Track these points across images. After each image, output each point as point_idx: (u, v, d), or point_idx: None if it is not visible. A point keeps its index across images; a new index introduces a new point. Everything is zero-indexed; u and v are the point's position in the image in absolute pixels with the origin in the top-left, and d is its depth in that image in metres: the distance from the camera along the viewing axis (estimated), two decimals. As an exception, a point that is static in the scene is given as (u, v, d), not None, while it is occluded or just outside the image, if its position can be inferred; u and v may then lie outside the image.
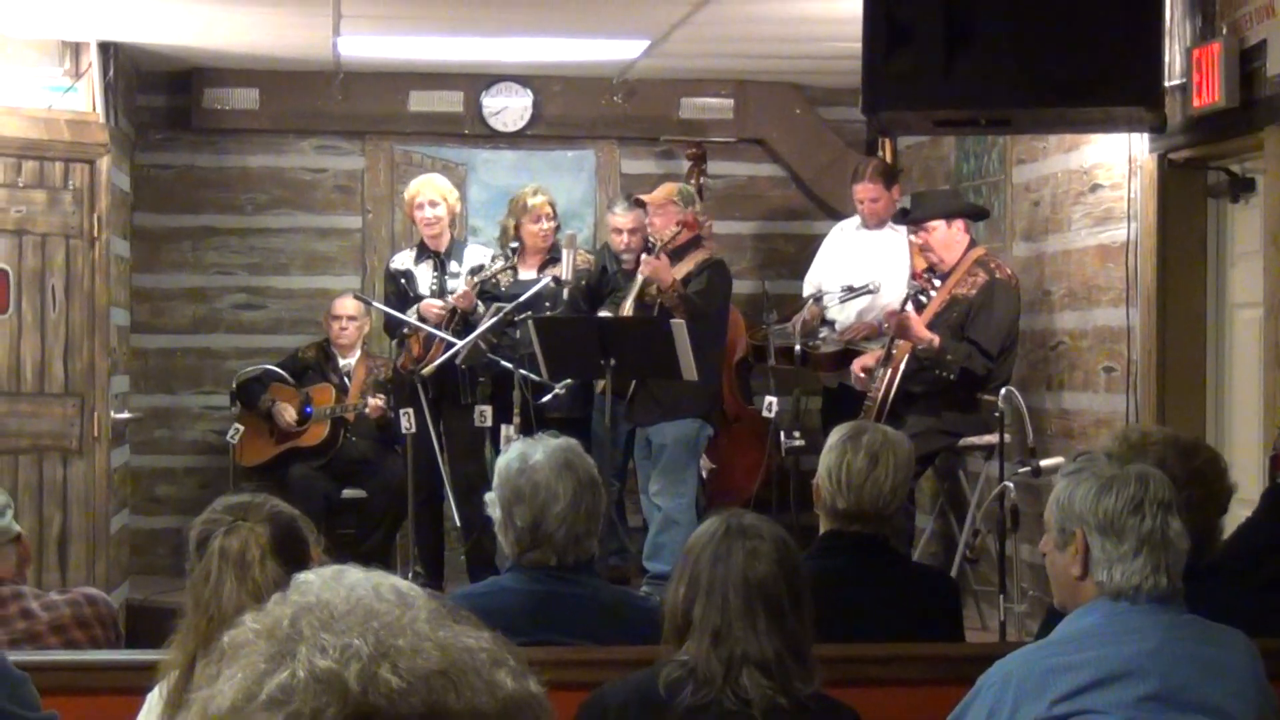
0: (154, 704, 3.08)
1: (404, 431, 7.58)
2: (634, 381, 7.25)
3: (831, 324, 7.94)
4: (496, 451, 6.92)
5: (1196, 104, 5.74)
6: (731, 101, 9.35)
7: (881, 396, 7.16)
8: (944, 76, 5.33)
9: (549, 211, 8.13)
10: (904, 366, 7.18)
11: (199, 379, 9.12)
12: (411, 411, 7.56)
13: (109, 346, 7.70)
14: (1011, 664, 3.07)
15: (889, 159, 8.81)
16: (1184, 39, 5.88)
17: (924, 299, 7.26)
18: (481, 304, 7.83)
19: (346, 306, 8.55)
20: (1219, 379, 6.28)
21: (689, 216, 7.68)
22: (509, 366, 7.49)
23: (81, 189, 7.50)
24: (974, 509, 7.31)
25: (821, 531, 4.16)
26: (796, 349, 7.42)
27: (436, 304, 7.90)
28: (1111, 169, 6.75)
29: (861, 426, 4.20)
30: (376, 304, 8.29)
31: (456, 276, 8.04)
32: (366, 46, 8.31)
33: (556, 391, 7.44)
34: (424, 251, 8.17)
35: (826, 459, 4.10)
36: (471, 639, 1.35)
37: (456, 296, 7.85)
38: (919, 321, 7.08)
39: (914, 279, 7.43)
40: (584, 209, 9.27)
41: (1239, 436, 6.09)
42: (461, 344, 7.56)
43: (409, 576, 7.60)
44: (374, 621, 1.33)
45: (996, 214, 7.84)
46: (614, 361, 6.86)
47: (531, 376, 7.37)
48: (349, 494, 8.39)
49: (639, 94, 9.27)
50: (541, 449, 3.79)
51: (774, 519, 3.33)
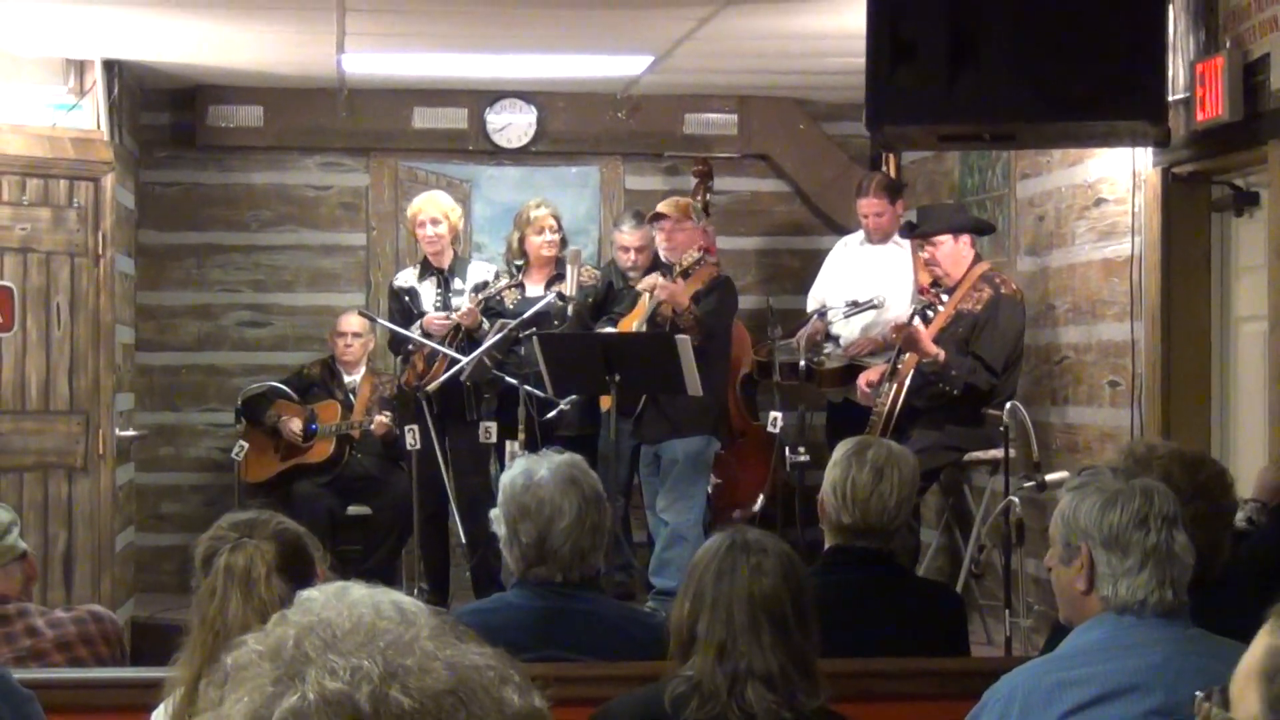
0: (160, 721, 3.08)
1: (409, 448, 7.59)
2: (644, 398, 7.21)
3: (836, 339, 7.95)
4: (502, 467, 6.92)
5: (1200, 118, 5.73)
6: (735, 117, 9.36)
7: (887, 411, 7.16)
8: (948, 91, 5.34)
9: (551, 224, 8.14)
10: (909, 381, 7.17)
11: (204, 396, 9.13)
12: (416, 428, 7.57)
13: (114, 364, 7.71)
14: (1017, 679, 3.06)
15: (893, 174, 8.81)
16: (1187, 53, 5.88)
17: (930, 313, 7.26)
18: (486, 320, 7.84)
19: (351, 323, 8.56)
20: (1224, 393, 6.27)
21: (709, 242, 7.67)
22: (514, 383, 7.50)
23: (86, 207, 7.52)
24: (979, 524, 7.30)
25: (826, 547, 4.16)
26: (801, 364, 7.43)
27: (440, 317, 7.91)
28: (1115, 183, 6.75)
29: (866, 441, 4.19)
30: (381, 320, 8.30)
31: (460, 294, 8.05)
32: (371, 64, 8.33)
33: (561, 408, 7.44)
34: (427, 269, 8.18)
35: (831, 474, 4.10)
36: (477, 656, 1.35)
37: (461, 313, 7.85)
38: (926, 335, 7.08)
39: (921, 294, 7.43)
40: (588, 225, 9.27)
41: (1244, 450, 6.08)
42: (466, 360, 7.58)
43: (414, 593, 7.61)
44: (380, 641, 1.34)
45: (1001, 228, 7.84)
46: (619, 377, 6.85)
47: (536, 393, 7.38)
48: (354, 510, 8.39)
49: (643, 110, 9.28)
50: (546, 465, 3.80)
51: (779, 534, 3.33)
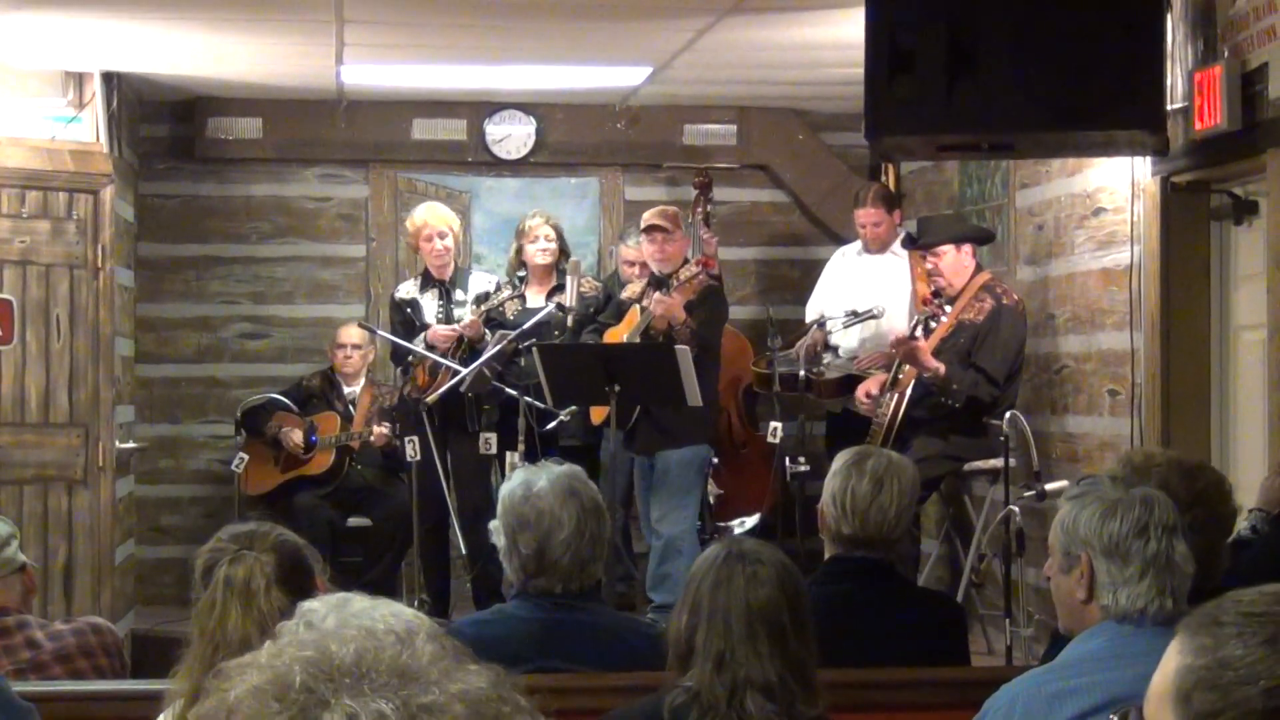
0: (159, 733, 3.08)
1: (409, 459, 7.60)
2: (636, 411, 7.21)
3: (835, 349, 7.95)
4: (502, 478, 6.91)
5: (1199, 127, 5.74)
6: (734, 128, 9.37)
7: (888, 421, 7.16)
8: (946, 101, 5.34)
9: (547, 232, 8.14)
10: (910, 392, 7.17)
11: (203, 408, 9.13)
12: (416, 439, 7.58)
13: (113, 376, 7.72)
14: (1017, 688, 3.06)
15: (892, 184, 8.82)
16: (1186, 62, 5.89)
17: (933, 324, 7.26)
18: (488, 332, 7.83)
19: (351, 335, 8.57)
20: (1223, 401, 6.27)
21: (711, 253, 7.65)
22: (514, 394, 7.50)
23: (85, 219, 7.53)
24: (979, 533, 7.30)
25: (826, 557, 4.16)
26: (801, 375, 7.42)
27: (445, 329, 7.90)
28: (1114, 192, 6.75)
29: (866, 451, 4.19)
30: (382, 332, 8.31)
31: (462, 305, 8.05)
32: (369, 75, 8.34)
33: (561, 418, 7.44)
34: (429, 280, 8.17)
35: (831, 484, 4.11)
36: (483, 682, 1.35)
37: (464, 325, 7.85)
38: (926, 350, 7.07)
39: (923, 304, 7.42)
40: (588, 236, 9.27)
41: (1244, 458, 6.08)
42: (466, 371, 7.58)
43: (414, 604, 7.60)
44: (391, 675, 1.32)
45: (1000, 238, 7.84)
46: (618, 388, 6.86)
47: (536, 404, 7.38)
48: (354, 522, 8.39)
49: (642, 121, 9.29)
50: (545, 476, 3.80)
51: (780, 544, 3.33)
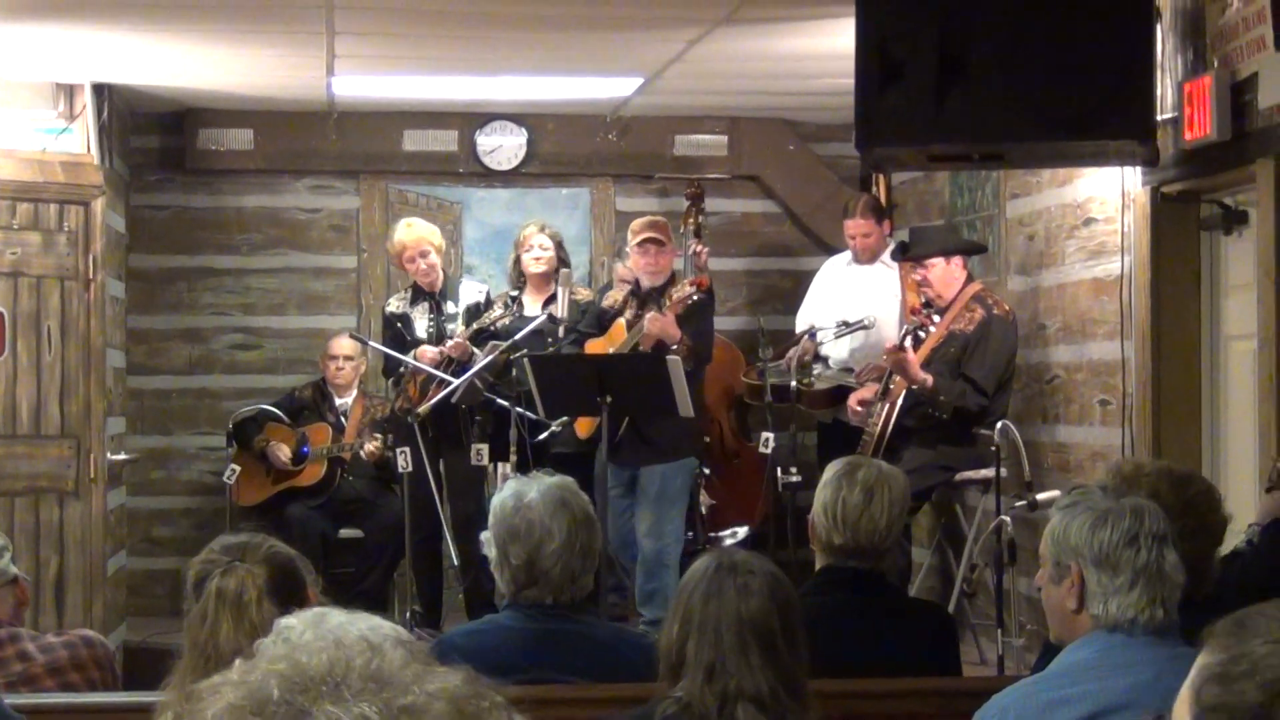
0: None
1: (400, 470, 7.60)
2: (622, 424, 7.20)
3: (825, 360, 7.95)
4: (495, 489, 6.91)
5: (1188, 137, 5.75)
6: (725, 138, 9.38)
7: (879, 431, 7.17)
8: (937, 112, 5.36)
9: (541, 241, 8.12)
10: (901, 401, 7.18)
11: (195, 420, 9.13)
12: (408, 450, 7.57)
13: (105, 388, 7.72)
14: (1008, 699, 3.07)
15: (883, 194, 8.83)
16: (1175, 73, 5.89)
17: (922, 334, 7.27)
18: (476, 349, 7.83)
19: (343, 346, 8.58)
20: (1214, 411, 6.26)
21: (702, 264, 7.65)
22: (505, 404, 7.50)
23: (76, 231, 7.52)
24: (971, 543, 7.30)
25: (818, 567, 4.17)
26: (791, 385, 7.44)
27: (432, 352, 7.91)
28: (1105, 202, 6.76)
29: (856, 462, 4.20)
30: (373, 344, 8.31)
31: (453, 319, 8.07)
32: (360, 86, 8.34)
33: (553, 429, 7.44)
34: (419, 294, 8.18)
35: (822, 495, 4.11)
36: (458, 680, 1.35)
37: (450, 346, 7.86)
38: (914, 362, 7.08)
39: (913, 314, 7.43)
40: (579, 247, 9.25)
41: (1234, 468, 6.08)
42: (457, 383, 7.58)
43: (407, 615, 7.63)
44: (369, 680, 1.32)
45: (991, 248, 7.85)
46: (610, 398, 6.87)
47: (528, 415, 7.38)
48: (346, 533, 8.39)
49: (633, 131, 9.30)
50: (536, 487, 3.80)
51: (772, 555, 3.35)
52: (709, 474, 8.19)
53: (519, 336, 7.64)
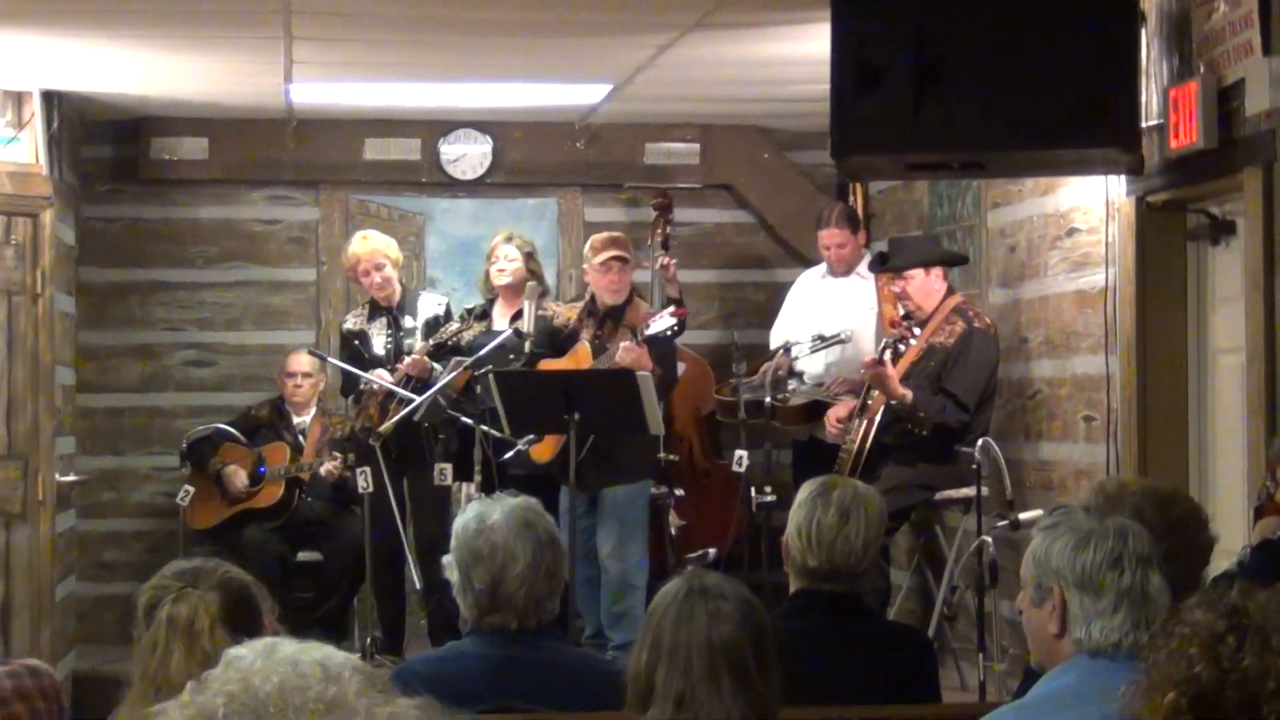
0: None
1: (361, 491, 7.58)
2: (587, 444, 7.13)
3: (800, 375, 7.96)
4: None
5: (1174, 145, 5.75)
6: (697, 146, 9.39)
7: (857, 449, 7.18)
8: (915, 119, 5.37)
9: (508, 252, 8.11)
10: (879, 418, 7.20)
11: (148, 439, 9.09)
12: (369, 470, 7.55)
13: (54, 406, 7.68)
14: (988, 726, 3.07)
15: (860, 204, 8.84)
16: (1161, 78, 5.91)
17: (901, 348, 7.27)
18: (437, 365, 7.83)
19: (301, 363, 8.56)
20: (1201, 427, 6.27)
21: (680, 309, 7.60)
22: (469, 422, 7.49)
23: (24, 243, 7.49)
24: (952, 564, 7.30)
25: (792, 590, 4.16)
26: (766, 402, 7.43)
27: (388, 376, 7.91)
28: (1089, 212, 6.77)
29: (831, 482, 4.19)
30: (332, 360, 8.30)
31: (412, 333, 8.08)
32: (319, 93, 8.33)
33: (519, 448, 7.43)
34: (376, 310, 8.19)
35: (796, 516, 4.11)
36: (413, 707, 1.35)
37: (407, 364, 7.86)
38: (893, 376, 7.09)
39: (892, 326, 7.44)
40: (546, 259, 9.14)
41: (1223, 486, 6.09)
42: (419, 400, 7.57)
43: (368, 641, 7.61)
44: (320, 707, 1.32)
45: (972, 259, 7.86)
46: (578, 415, 6.86)
47: (493, 433, 7.37)
48: (305, 557, 8.37)
49: (602, 139, 9.31)
50: (500, 509, 3.79)
51: (746, 578, 3.34)
52: (679, 494, 8.18)
53: (483, 352, 7.62)
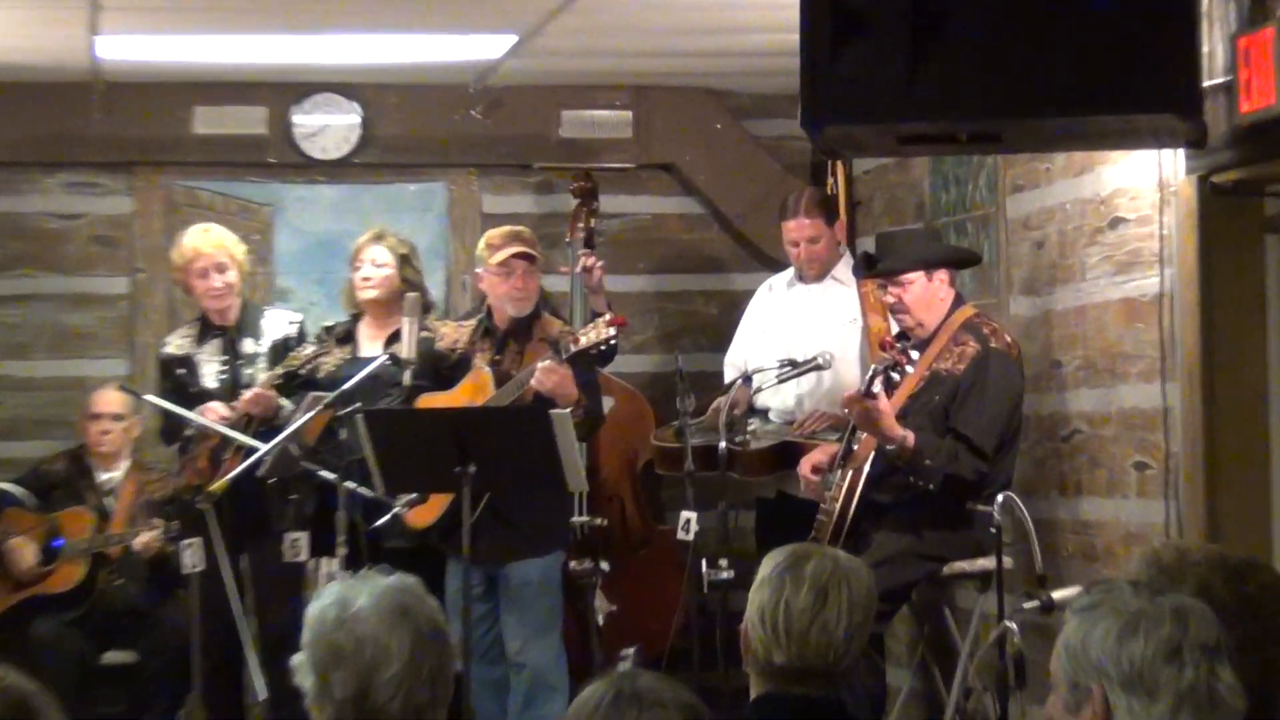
0: None
1: (188, 570, 7.51)
2: (480, 507, 7.13)
3: (764, 413, 7.96)
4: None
5: (1245, 109, 5.78)
6: (629, 114, 9.45)
7: (840, 509, 7.15)
8: (910, 79, 5.33)
9: (375, 255, 8.15)
10: (869, 468, 7.18)
11: (-93, 503, 9.02)
12: (199, 542, 7.48)
13: None
14: None
15: (841, 189, 8.90)
16: (1227, 24, 5.95)
17: (895, 376, 7.26)
18: (286, 401, 7.82)
19: (109, 402, 8.53)
20: (1287, 476, 6.34)
21: (619, 317, 7.61)
22: (331, 478, 7.46)
23: None
24: (965, 659, 7.31)
25: (753, 695, 4.15)
26: (720, 447, 7.42)
27: (222, 410, 7.90)
28: (1137, 197, 6.80)
29: (804, 552, 4.18)
30: (151, 398, 8.25)
31: (254, 360, 8.09)
32: (135, 48, 8.30)
33: (396, 511, 7.41)
34: (208, 329, 8.19)
35: (758, 597, 4.11)
36: None
37: (246, 399, 7.85)
38: (888, 412, 7.06)
39: (882, 349, 7.42)
40: (432, 261, 9.22)
41: (1315, 552, 6.15)
42: (264, 449, 7.54)
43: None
44: None
45: (987, 259, 7.90)
46: (473, 467, 6.84)
47: (362, 491, 7.36)
48: (114, 658, 8.33)
49: (506, 107, 9.34)
50: (368, 591, 3.76)
51: (694, 679, 3.34)
52: (607, 570, 8.18)
53: (349, 385, 7.62)
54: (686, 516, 7.34)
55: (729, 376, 8.08)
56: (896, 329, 7.47)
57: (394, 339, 7.92)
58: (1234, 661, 3.13)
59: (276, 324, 8.21)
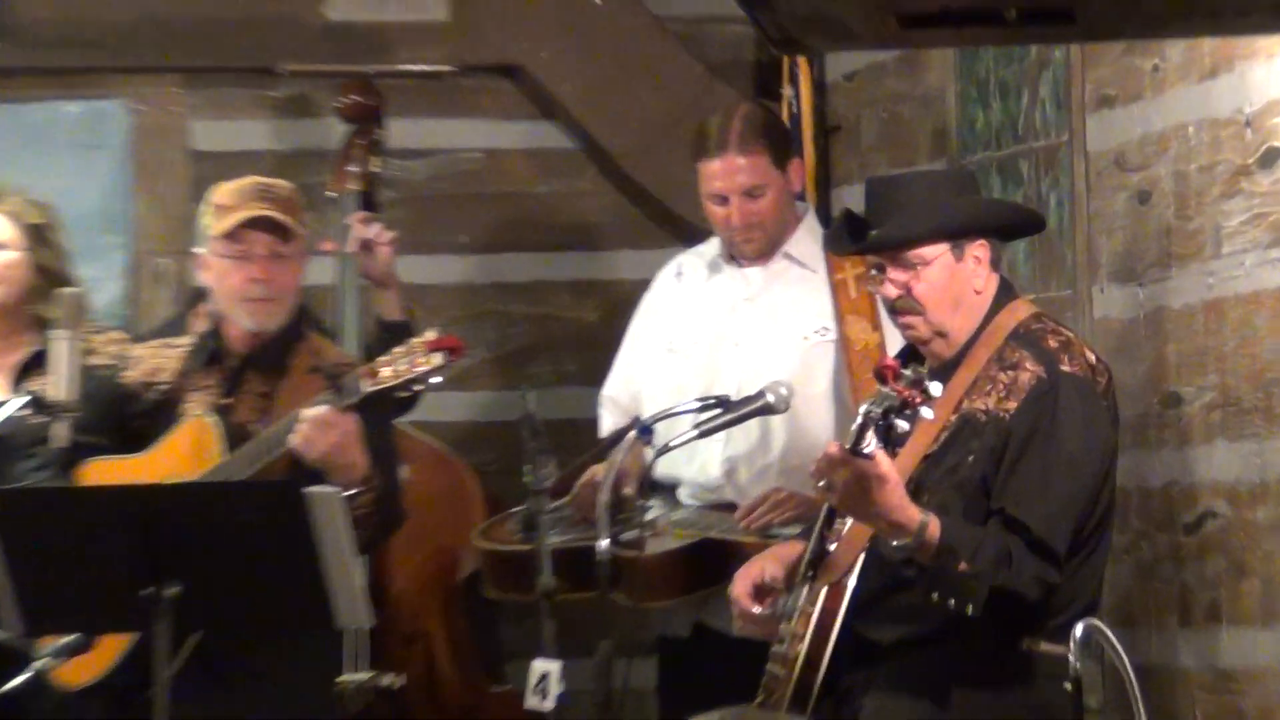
0: None
1: None
2: (184, 655, 7.22)
3: (671, 489, 8.04)
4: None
5: None
6: (442, -13, 9.52)
7: (806, 654, 7.09)
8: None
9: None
10: (853, 583, 7.06)
11: None
12: None
13: None
14: None
15: (804, 105, 9.02)
16: None
17: (903, 423, 7.13)
18: None
19: None
20: None
21: (455, 340, 7.60)
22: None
23: None
24: None
25: None
26: (599, 549, 7.32)
27: None
28: (1300, 114, 6.94)
29: None
30: None
31: None
32: None
33: (42, 663, 7.35)
34: None
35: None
36: None
37: None
38: (895, 481, 6.96)
39: (880, 378, 7.30)
40: (104, 235, 9.32)
41: None
42: None
43: None
44: None
45: (1054, 224, 7.93)
46: (176, 588, 6.88)
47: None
48: None
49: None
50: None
51: None
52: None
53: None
54: (541, 668, 7.32)
55: (609, 425, 8.16)
56: (901, 343, 7.39)
57: (31, 368, 7.90)
58: None
59: None
